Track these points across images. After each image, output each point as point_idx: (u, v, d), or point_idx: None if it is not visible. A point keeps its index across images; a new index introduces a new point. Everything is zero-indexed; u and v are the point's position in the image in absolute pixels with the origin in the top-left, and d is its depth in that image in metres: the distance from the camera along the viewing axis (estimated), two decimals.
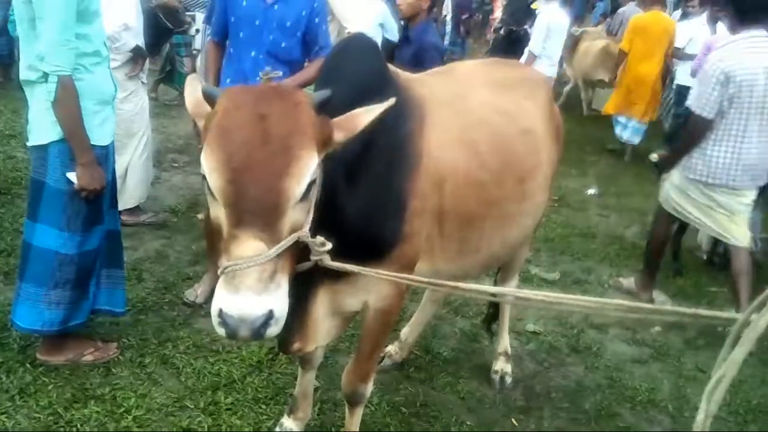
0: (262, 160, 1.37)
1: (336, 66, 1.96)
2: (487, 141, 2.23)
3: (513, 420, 2.83)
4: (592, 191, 6.22)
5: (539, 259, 4.55)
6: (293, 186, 1.40)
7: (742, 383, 3.21)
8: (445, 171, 2.03)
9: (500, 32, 7.82)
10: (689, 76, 5.79)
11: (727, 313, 1.13)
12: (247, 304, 1.34)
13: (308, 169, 1.43)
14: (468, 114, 2.25)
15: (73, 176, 2.50)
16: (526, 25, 7.32)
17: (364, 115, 1.59)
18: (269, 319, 1.36)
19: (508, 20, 7.71)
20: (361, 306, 2.05)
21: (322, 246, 1.53)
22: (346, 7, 5.71)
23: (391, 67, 2.07)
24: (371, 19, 5.62)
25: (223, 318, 1.36)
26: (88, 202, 2.57)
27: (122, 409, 2.57)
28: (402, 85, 2.03)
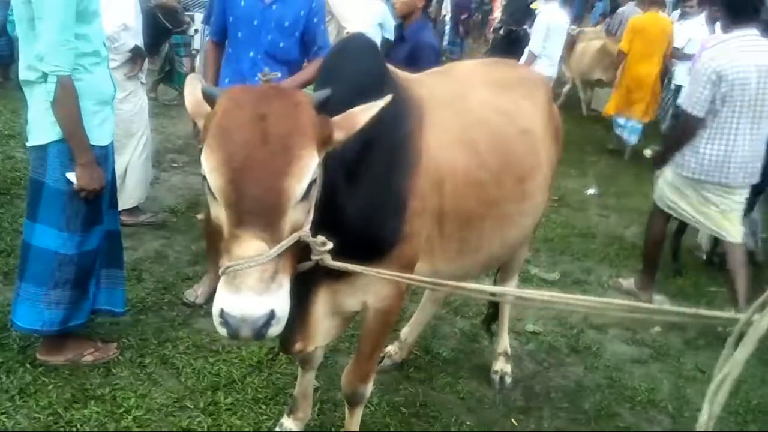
0: (262, 160, 1.37)
1: (335, 66, 1.95)
2: (487, 141, 2.23)
3: (513, 420, 2.83)
4: (591, 191, 6.23)
5: (539, 260, 4.55)
6: (294, 185, 1.40)
7: (741, 383, 3.21)
8: (445, 171, 2.03)
9: (500, 32, 7.82)
10: (688, 76, 5.79)
11: (729, 313, 1.13)
12: (248, 304, 1.34)
13: (309, 169, 1.43)
14: (467, 114, 2.25)
15: (72, 176, 2.50)
16: (525, 25, 7.32)
17: (362, 113, 1.59)
18: (271, 319, 1.36)
19: (507, 20, 7.71)
20: (360, 306, 2.05)
21: (323, 245, 1.53)
22: (345, 7, 5.71)
23: (390, 67, 2.07)
24: (370, 19, 5.62)
25: (224, 318, 1.36)
26: (88, 203, 2.57)
27: (122, 410, 2.57)
28: (401, 85, 2.02)
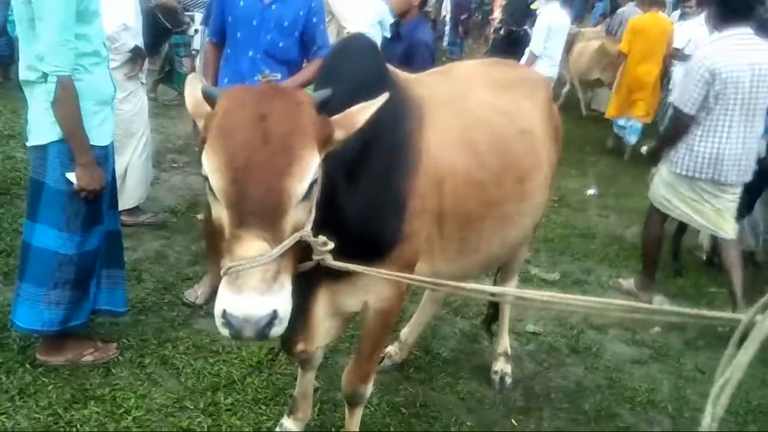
0: (264, 160, 1.37)
1: (335, 66, 1.95)
2: (487, 141, 2.23)
3: (513, 420, 2.83)
4: (591, 192, 6.23)
5: (539, 260, 4.55)
6: (295, 185, 1.40)
7: (741, 383, 3.19)
8: (445, 171, 2.03)
9: (500, 32, 7.82)
10: None
11: (731, 314, 1.12)
12: (251, 304, 1.34)
13: (310, 169, 1.43)
14: (467, 114, 2.25)
15: (72, 176, 2.50)
16: (525, 26, 7.32)
17: (361, 112, 1.59)
18: (273, 319, 1.36)
19: (507, 20, 7.69)
20: (360, 306, 2.05)
21: (324, 245, 1.53)
22: (346, 7, 5.70)
23: (391, 68, 2.07)
24: (370, 18, 5.61)
25: (227, 319, 1.35)
26: (88, 203, 2.57)
27: (122, 410, 2.56)
28: (401, 86, 2.02)
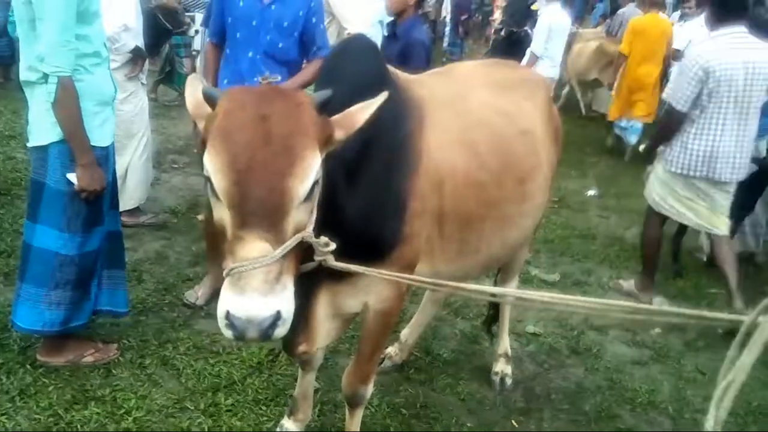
0: (265, 161, 1.37)
1: (335, 67, 1.95)
2: (487, 142, 2.23)
3: (513, 421, 2.83)
4: (591, 192, 6.23)
5: (539, 261, 4.54)
6: (297, 186, 1.40)
7: (742, 384, 3.20)
8: (445, 172, 2.03)
9: (501, 33, 7.81)
10: None
11: (731, 315, 1.12)
12: (254, 305, 1.34)
13: (312, 169, 1.43)
14: (467, 115, 2.25)
15: (73, 177, 2.50)
16: (526, 27, 7.32)
17: (361, 111, 1.59)
18: (277, 320, 1.36)
19: (508, 21, 7.70)
20: (361, 307, 2.04)
21: (326, 246, 1.53)
22: (346, 8, 5.69)
23: (391, 68, 2.07)
24: (370, 18, 5.60)
25: (230, 320, 1.35)
26: (88, 203, 2.57)
27: (122, 411, 2.56)
28: (401, 86, 2.02)
